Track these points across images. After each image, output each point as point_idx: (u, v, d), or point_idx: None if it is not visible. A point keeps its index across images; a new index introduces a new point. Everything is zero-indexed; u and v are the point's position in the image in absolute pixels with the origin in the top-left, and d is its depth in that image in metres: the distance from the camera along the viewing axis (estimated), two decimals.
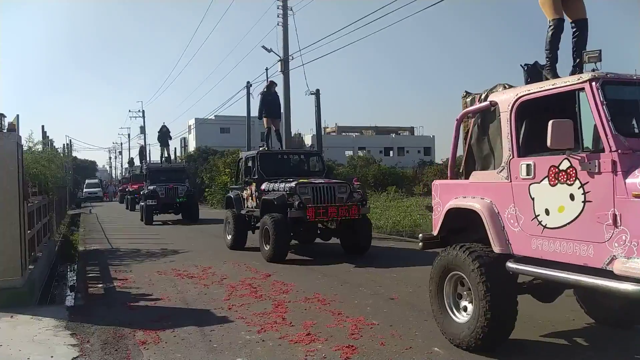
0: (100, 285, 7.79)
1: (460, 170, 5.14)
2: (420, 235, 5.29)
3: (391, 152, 62.81)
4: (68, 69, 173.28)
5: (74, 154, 44.24)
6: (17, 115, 7.33)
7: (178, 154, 44.42)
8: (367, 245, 9.89)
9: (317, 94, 18.62)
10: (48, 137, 13.17)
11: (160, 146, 23.52)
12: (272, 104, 11.91)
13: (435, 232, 4.99)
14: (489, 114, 4.65)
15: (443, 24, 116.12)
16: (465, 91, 5.14)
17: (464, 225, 4.75)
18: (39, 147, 10.50)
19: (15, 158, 6.21)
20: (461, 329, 4.36)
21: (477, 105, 4.79)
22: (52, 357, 4.45)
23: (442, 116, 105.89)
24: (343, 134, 60.84)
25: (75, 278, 8.65)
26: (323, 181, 10.00)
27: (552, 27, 4.40)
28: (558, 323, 5.14)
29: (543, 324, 5.09)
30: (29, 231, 7.01)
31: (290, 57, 20.01)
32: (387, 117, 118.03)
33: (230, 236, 11.48)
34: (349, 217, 9.37)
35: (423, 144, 65.58)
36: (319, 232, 10.29)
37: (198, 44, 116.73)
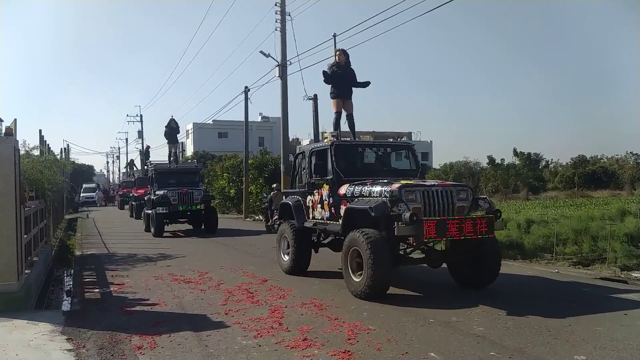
0: (96, 290, 7.78)
1: None
2: None
3: None
4: (66, 72, 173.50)
5: (72, 157, 44.13)
6: (15, 120, 7.36)
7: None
8: (494, 276, 7.06)
9: (315, 99, 18.73)
10: (46, 142, 13.14)
11: (168, 143, 20.40)
12: (343, 80, 8.79)
13: None
14: None
15: (444, 28, 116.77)
16: None
17: None
18: (36, 152, 10.47)
19: (12, 162, 6.21)
20: None
21: None
22: None
23: (440, 121, 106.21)
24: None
25: (71, 283, 8.62)
26: (436, 183, 7.12)
27: None
28: None
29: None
30: (25, 235, 7.01)
31: (288, 62, 20.15)
32: (385, 122, 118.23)
33: (287, 257, 8.78)
34: (481, 236, 6.47)
35: (421, 149, 65.67)
36: (423, 255, 7.58)
37: (196, 49, 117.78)
